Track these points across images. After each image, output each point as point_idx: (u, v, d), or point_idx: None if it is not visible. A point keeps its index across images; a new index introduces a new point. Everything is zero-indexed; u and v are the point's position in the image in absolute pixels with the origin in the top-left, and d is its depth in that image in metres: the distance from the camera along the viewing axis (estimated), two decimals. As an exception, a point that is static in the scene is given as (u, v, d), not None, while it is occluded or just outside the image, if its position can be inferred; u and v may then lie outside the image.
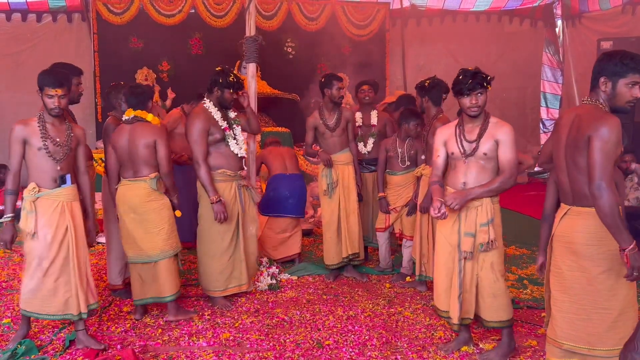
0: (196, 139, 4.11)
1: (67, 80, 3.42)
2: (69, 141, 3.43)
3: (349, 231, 4.81)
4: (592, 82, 2.63)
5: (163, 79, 9.09)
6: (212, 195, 4.10)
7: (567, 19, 9.62)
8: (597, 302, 2.61)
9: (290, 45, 9.58)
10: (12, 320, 3.93)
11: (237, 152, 4.28)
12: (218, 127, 4.20)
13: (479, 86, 3.19)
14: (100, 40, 8.93)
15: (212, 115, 4.21)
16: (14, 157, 3.34)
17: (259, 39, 4.79)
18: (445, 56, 10.04)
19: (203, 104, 4.25)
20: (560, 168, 2.71)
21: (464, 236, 3.26)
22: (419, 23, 10.12)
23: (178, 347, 3.56)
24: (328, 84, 4.74)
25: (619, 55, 2.55)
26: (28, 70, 8.93)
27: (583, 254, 2.62)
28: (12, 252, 5.76)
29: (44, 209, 3.34)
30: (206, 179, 4.11)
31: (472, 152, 3.23)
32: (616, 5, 8.40)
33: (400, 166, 4.80)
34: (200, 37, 9.29)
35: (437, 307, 3.49)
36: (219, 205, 4.10)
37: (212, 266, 4.25)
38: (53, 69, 3.47)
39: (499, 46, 9.94)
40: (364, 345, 3.59)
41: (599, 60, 2.62)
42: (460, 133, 3.29)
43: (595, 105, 2.59)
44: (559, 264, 2.73)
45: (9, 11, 8.89)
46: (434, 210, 3.16)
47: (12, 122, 3.50)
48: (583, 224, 2.61)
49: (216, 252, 4.24)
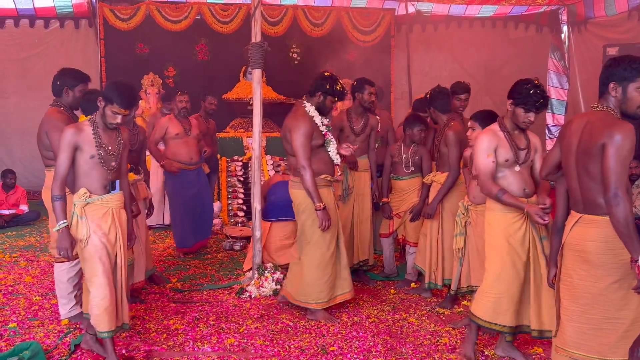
0: (303, 142, 3.90)
1: (136, 102, 3.41)
2: (119, 149, 3.37)
3: (360, 238, 4.83)
4: (600, 88, 2.60)
5: (169, 85, 9.13)
6: (317, 202, 3.90)
7: (573, 25, 9.60)
8: (608, 311, 2.58)
9: (295, 51, 9.61)
10: (17, 325, 3.94)
11: (334, 158, 4.13)
12: (319, 132, 4.03)
13: (544, 107, 3.24)
14: (107, 45, 8.98)
15: (315, 119, 4.03)
16: (63, 163, 3.18)
17: (265, 45, 4.79)
18: (450, 62, 10.04)
19: (303, 107, 4.06)
20: (571, 175, 2.68)
21: (544, 240, 3.28)
22: (424, 29, 10.12)
23: (183, 352, 3.56)
24: (360, 88, 4.74)
25: (627, 60, 2.52)
26: (36, 75, 9.04)
27: (595, 263, 2.58)
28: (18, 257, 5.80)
29: (93, 215, 3.26)
30: (312, 185, 3.90)
31: (526, 159, 3.30)
32: (622, 11, 8.37)
33: (405, 171, 4.80)
34: (206, 43, 9.33)
35: (496, 323, 3.31)
36: (325, 213, 3.92)
37: (318, 276, 4.05)
38: (127, 86, 3.29)
39: (504, 52, 9.92)
40: (368, 352, 3.57)
41: (606, 66, 2.59)
42: (512, 140, 3.30)
43: (606, 111, 2.56)
44: (570, 272, 2.70)
45: (17, 17, 8.96)
46: (542, 219, 3.06)
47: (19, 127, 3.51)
48: (596, 232, 2.57)
49: (322, 261, 4.04)
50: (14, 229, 7.19)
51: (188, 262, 5.65)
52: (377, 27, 9.73)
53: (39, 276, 5.14)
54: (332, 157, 4.12)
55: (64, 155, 3.18)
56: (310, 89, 4.09)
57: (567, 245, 2.70)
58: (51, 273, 4.89)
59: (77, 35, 9.29)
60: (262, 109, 4.90)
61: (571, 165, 2.67)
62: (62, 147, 3.19)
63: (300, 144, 3.90)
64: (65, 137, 3.19)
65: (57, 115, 3.78)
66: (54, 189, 3.18)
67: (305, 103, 4.08)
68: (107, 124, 3.27)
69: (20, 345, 3.47)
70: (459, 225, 3.93)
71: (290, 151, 4.04)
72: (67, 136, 3.19)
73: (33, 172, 8.52)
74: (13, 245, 6.35)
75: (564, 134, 2.74)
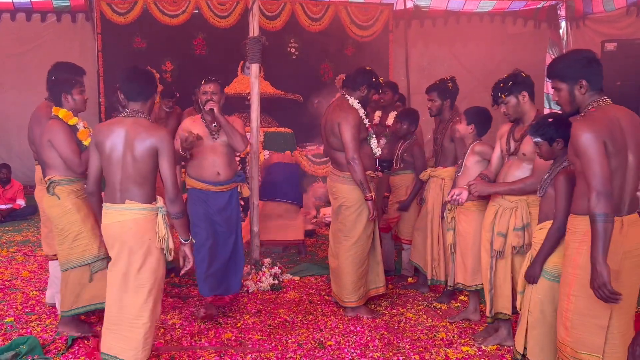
0: (354, 134, 3.87)
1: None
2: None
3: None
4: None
5: (166, 79, 9.10)
6: (368, 192, 3.91)
7: (571, 20, 9.58)
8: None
9: (293, 45, 9.58)
10: (15, 320, 3.93)
11: (375, 151, 4.12)
12: (364, 126, 4.00)
13: (499, 99, 3.30)
14: (104, 40, 8.94)
15: (359, 112, 3.99)
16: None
17: (262, 40, 4.78)
18: (448, 57, 10.02)
19: (347, 101, 4.01)
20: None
21: (496, 235, 3.34)
22: (423, 24, 10.10)
23: (180, 347, 3.57)
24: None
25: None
26: (32, 70, 8.98)
27: None
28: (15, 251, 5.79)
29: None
30: (364, 175, 3.88)
31: (515, 151, 3.30)
32: (620, 7, 8.35)
33: (394, 168, 4.79)
34: (203, 38, 9.30)
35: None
36: (374, 203, 3.97)
37: (361, 273, 4.05)
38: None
39: (502, 47, 9.90)
40: (366, 346, 3.58)
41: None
42: (511, 132, 3.37)
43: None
44: (625, 283, 2.44)
45: (14, 11, 8.92)
46: (450, 195, 3.31)
47: (17, 121, 3.48)
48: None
49: (362, 257, 4.06)
50: (10, 223, 7.18)
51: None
52: (376, 22, 9.71)
53: (36, 271, 5.14)
54: (374, 151, 4.12)
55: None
56: (352, 83, 4.05)
57: (627, 253, 2.44)
58: (48, 268, 4.88)
59: (74, 29, 9.26)
60: (259, 103, 4.89)
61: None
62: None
63: (352, 136, 3.87)
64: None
65: (44, 110, 3.74)
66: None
67: (347, 97, 4.03)
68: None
69: (17, 340, 3.48)
70: (446, 221, 3.95)
71: (336, 145, 3.99)
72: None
73: (30, 167, 8.37)
74: (10, 240, 6.34)
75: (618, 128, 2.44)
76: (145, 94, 3.00)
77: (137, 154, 2.85)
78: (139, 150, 2.85)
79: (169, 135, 2.92)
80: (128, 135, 2.86)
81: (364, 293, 4.10)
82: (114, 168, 2.90)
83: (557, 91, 2.58)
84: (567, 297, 2.52)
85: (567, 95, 2.55)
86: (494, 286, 3.42)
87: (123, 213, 2.89)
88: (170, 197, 2.91)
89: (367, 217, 3.99)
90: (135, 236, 2.87)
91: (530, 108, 3.29)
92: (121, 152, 2.88)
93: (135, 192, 2.88)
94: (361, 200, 3.97)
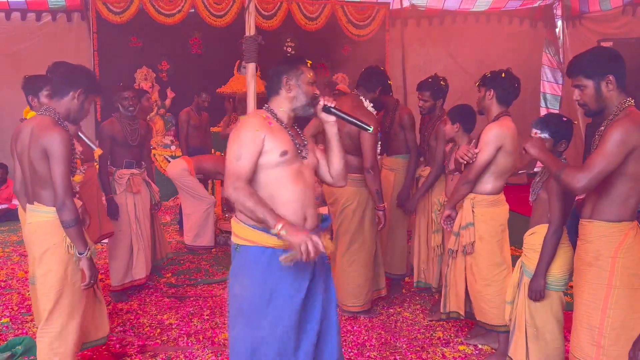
0: (374, 143, 3.75)
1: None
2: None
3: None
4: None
5: (162, 79, 9.08)
6: (381, 202, 3.82)
7: (567, 19, 9.60)
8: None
9: (290, 45, 9.57)
10: (10, 320, 3.92)
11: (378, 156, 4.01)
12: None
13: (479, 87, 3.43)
14: (100, 39, 8.90)
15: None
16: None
17: (259, 39, 4.77)
18: (445, 57, 10.02)
19: (363, 103, 3.84)
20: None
21: (452, 234, 3.42)
22: (419, 23, 10.10)
23: (177, 347, 3.56)
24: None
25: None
26: (27, 69, 8.84)
27: None
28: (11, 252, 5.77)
29: None
30: (380, 185, 3.81)
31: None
32: (617, 6, 8.38)
33: None
34: (199, 37, 9.27)
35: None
36: (384, 213, 3.86)
37: (367, 276, 3.98)
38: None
39: (498, 47, 9.91)
40: (362, 346, 3.58)
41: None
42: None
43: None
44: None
45: (9, 10, 8.86)
46: (442, 220, 3.48)
47: (11, 121, 3.46)
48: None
49: (369, 260, 3.98)
50: (6, 223, 7.15)
51: (182, 257, 5.64)
52: (372, 21, 9.71)
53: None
54: (378, 155, 4.08)
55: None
56: (368, 83, 3.92)
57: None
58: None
59: (70, 28, 9.20)
60: (256, 103, 4.87)
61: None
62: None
63: (371, 145, 3.73)
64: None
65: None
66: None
67: (362, 98, 3.88)
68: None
69: (13, 340, 3.47)
70: (436, 222, 3.94)
71: (349, 148, 3.72)
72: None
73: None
74: (6, 240, 6.32)
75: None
76: (58, 89, 2.78)
77: (31, 155, 2.69)
78: (32, 151, 2.68)
79: (60, 135, 2.63)
80: (32, 134, 2.69)
81: (369, 297, 4.03)
82: (22, 168, 2.84)
83: (581, 89, 2.39)
84: (602, 311, 2.36)
85: (592, 93, 2.36)
86: (448, 284, 3.52)
87: (31, 215, 2.78)
88: (58, 203, 2.62)
89: (370, 219, 3.94)
90: (39, 240, 2.74)
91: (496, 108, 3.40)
92: (24, 152, 2.77)
93: (41, 195, 2.73)
94: (365, 203, 3.90)
